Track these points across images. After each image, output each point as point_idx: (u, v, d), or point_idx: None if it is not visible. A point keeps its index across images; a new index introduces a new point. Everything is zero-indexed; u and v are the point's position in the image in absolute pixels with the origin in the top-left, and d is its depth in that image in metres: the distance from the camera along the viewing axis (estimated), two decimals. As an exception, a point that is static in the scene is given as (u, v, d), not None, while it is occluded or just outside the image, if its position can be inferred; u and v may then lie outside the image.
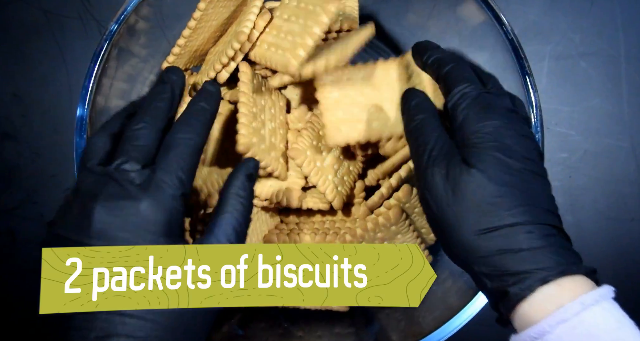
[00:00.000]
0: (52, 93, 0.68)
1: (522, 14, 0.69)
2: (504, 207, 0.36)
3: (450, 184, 0.38)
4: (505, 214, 0.36)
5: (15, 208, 0.68)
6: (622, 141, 0.69)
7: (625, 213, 0.68)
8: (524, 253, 0.36)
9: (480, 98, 0.41)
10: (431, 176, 0.39)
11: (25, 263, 0.67)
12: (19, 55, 0.68)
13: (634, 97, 0.69)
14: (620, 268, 0.67)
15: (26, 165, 0.68)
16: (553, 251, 0.36)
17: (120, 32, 0.51)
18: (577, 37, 0.69)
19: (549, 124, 0.69)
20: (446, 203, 0.38)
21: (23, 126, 0.68)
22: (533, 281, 0.35)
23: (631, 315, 0.35)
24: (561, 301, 0.34)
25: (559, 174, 0.69)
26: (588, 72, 0.69)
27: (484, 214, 0.37)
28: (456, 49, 0.58)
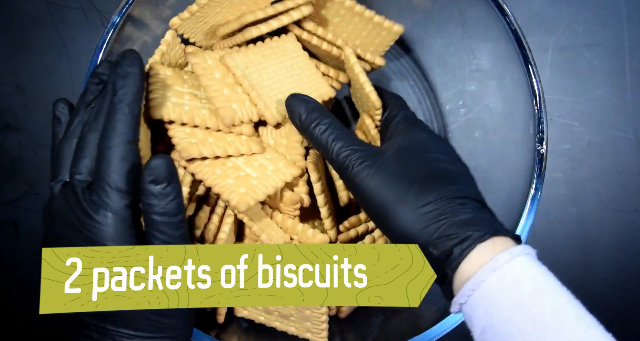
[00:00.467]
0: (54, 84, 0.68)
1: (526, 4, 0.69)
2: (436, 185, 0.41)
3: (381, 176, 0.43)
4: (439, 191, 0.41)
5: (18, 199, 0.68)
6: (626, 132, 0.68)
7: (629, 205, 0.68)
8: (460, 219, 0.40)
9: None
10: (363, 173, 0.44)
11: (28, 254, 0.68)
12: (21, 46, 0.68)
13: (638, 88, 0.68)
14: (623, 259, 0.67)
15: (28, 156, 0.68)
16: (485, 218, 0.41)
17: (123, 24, 0.51)
18: (581, 28, 0.69)
19: (552, 115, 0.68)
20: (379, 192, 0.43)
21: (25, 118, 0.68)
22: (472, 240, 0.39)
23: (636, 307, 0.36)
24: (494, 254, 0.38)
25: (562, 166, 0.68)
26: (592, 63, 0.69)
27: (417, 194, 0.41)
28: (459, 39, 0.58)
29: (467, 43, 0.58)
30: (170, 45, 0.52)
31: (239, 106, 0.49)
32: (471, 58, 0.58)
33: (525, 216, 0.50)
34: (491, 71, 0.57)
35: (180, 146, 0.47)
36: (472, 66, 0.59)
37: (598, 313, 0.36)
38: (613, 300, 0.67)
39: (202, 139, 0.49)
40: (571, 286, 0.37)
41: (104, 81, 0.43)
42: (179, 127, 0.48)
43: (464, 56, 0.59)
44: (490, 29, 0.53)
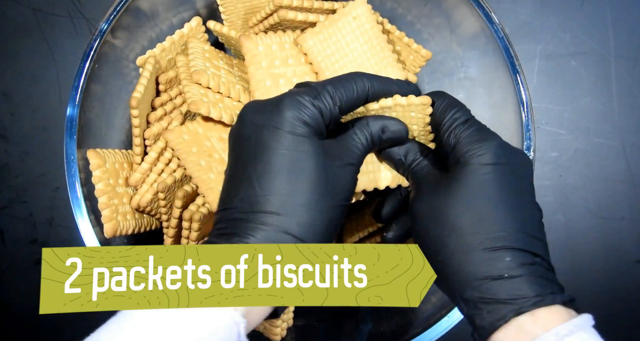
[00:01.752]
0: (41, 92, 0.68)
1: (513, 13, 0.69)
2: (485, 230, 0.37)
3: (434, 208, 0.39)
4: (487, 238, 0.37)
5: (5, 207, 0.67)
6: (612, 140, 0.69)
7: (616, 212, 0.69)
8: (501, 281, 0.36)
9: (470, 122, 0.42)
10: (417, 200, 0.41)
11: (14, 262, 0.67)
12: (8, 53, 0.68)
13: (624, 96, 0.69)
14: (610, 266, 0.68)
15: (15, 164, 0.67)
16: (531, 280, 0.36)
17: (111, 32, 0.51)
18: (568, 37, 0.69)
19: (540, 123, 0.69)
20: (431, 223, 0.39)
21: (12, 125, 0.68)
22: (507, 311, 0.35)
23: (622, 314, 0.35)
24: (535, 332, 0.34)
25: (550, 174, 0.69)
26: (578, 71, 0.69)
27: (464, 238, 0.37)
28: (448, 48, 0.58)
29: (456, 51, 0.58)
30: (193, 30, 0.54)
31: None
32: (459, 66, 0.59)
33: (513, 223, 0.50)
34: (479, 78, 0.57)
35: (192, 99, 0.48)
36: (460, 73, 0.59)
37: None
38: (600, 306, 0.67)
39: (213, 101, 0.49)
40: (558, 293, 0.37)
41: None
42: (194, 85, 0.49)
43: (452, 64, 0.59)
44: (478, 37, 0.53)
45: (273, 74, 0.51)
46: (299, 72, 0.52)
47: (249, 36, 0.50)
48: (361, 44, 0.52)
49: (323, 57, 0.51)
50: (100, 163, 0.49)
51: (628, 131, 0.69)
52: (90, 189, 0.49)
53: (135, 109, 0.47)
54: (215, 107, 0.49)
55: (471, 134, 0.41)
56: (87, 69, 0.50)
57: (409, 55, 0.56)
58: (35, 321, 0.66)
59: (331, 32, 0.51)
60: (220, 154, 0.50)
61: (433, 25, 0.58)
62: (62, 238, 0.67)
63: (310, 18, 0.52)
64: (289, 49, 0.52)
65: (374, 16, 0.52)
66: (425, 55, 0.55)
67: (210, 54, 0.54)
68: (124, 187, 0.51)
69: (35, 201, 0.67)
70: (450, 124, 0.42)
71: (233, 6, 0.55)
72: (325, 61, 0.51)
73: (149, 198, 0.50)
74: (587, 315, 0.35)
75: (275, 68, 0.51)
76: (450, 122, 0.42)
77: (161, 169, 0.51)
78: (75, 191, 0.49)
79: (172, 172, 0.51)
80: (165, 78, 0.52)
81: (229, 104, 0.51)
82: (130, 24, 0.53)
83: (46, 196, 0.67)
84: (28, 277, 0.67)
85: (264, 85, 0.50)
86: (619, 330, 0.67)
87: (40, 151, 0.67)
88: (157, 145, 0.51)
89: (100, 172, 0.49)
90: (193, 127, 0.50)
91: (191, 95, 0.48)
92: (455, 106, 0.43)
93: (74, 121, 0.49)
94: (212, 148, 0.50)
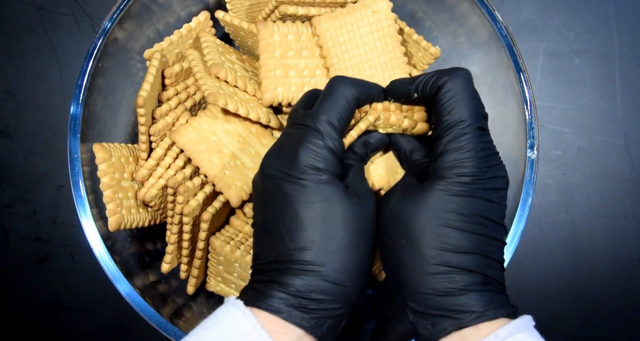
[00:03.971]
0: (45, 90, 0.68)
1: (517, 11, 0.69)
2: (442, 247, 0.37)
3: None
4: (442, 254, 0.37)
5: (8, 205, 0.67)
6: (616, 138, 0.69)
7: (619, 210, 0.68)
8: (446, 297, 0.36)
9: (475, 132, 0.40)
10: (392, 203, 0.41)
11: (18, 260, 0.67)
12: (11, 52, 0.68)
13: (628, 94, 0.69)
14: (613, 264, 0.68)
15: (19, 162, 0.67)
16: (478, 298, 0.36)
17: (114, 30, 0.51)
18: (571, 35, 0.69)
19: (543, 121, 0.69)
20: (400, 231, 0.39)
21: (16, 123, 0.68)
22: (448, 325, 0.36)
23: (625, 312, 0.35)
24: (475, 339, 0.35)
25: (553, 172, 0.69)
26: (582, 69, 0.69)
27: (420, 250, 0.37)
28: (451, 45, 0.58)
29: (459, 49, 0.58)
30: (202, 25, 0.55)
31: (283, 90, 0.51)
32: (462, 64, 0.58)
33: (517, 221, 0.50)
34: (482, 77, 0.57)
35: (209, 92, 0.48)
36: (464, 72, 0.59)
37: (588, 317, 0.35)
38: (604, 304, 0.67)
39: (229, 94, 0.50)
40: (562, 291, 0.37)
41: None
42: (209, 77, 0.50)
43: (456, 62, 0.59)
44: (481, 35, 0.53)
45: (284, 64, 0.51)
46: (310, 65, 0.52)
47: (265, 23, 0.50)
48: (374, 40, 0.52)
49: (334, 43, 0.51)
50: (105, 157, 0.49)
51: (632, 129, 0.69)
52: (95, 183, 0.50)
53: (141, 107, 0.48)
54: (232, 100, 0.49)
55: (462, 147, 0.39)
56: (91, 67, 0.50)
57: (417, 52, 0.56)
58: (38, 319, 0.67)
59: (348, 21, 0.51)
60: (230, 148, 0.51)
61: (435, 22, 0.58)
62: (65, 236, 0.67)
63: (312, 12, 0.52)
64: (304, 40, 0.52)
65: (393, 15, 0.52)
66: (434, 53, 0.55)
67: (223, 48, 0.54)
68: (129, 181, 0.51)
69: (38, 199, 0.68)
70: (450, 127, 0.40)
71: (240, 3, 0.55)
72: (335, 48, 0.51)
73: (154, 192, 0.50)
74: (526, 316, 0.36)
75: (287, 59, 0.51)
76: (452, 126, 0.40)
77: (169, 164, 0.51)
78: (79, 190, 0.49)
79: (181, 168, 0.51)
80: (170, 72, 0.52)
81: (242, 98, 0.51)
82: (135, 17, 0.53)
83: (50, 194, 0.67)
84: (32, 275, 0.67)
85: (274, 74, 0.50)
86: (623, 327, 0.67)
87: (43, 149, 0.68)
88: (164, 141, 0.51)
89: (106, 166, 0.49)
90: (197, 123, 0.50)
91: (207, 87, 0.49)
92: (470, 100, 0.40)
93: (77, 119, 0.49)
94: (220, 143, 0.50)
